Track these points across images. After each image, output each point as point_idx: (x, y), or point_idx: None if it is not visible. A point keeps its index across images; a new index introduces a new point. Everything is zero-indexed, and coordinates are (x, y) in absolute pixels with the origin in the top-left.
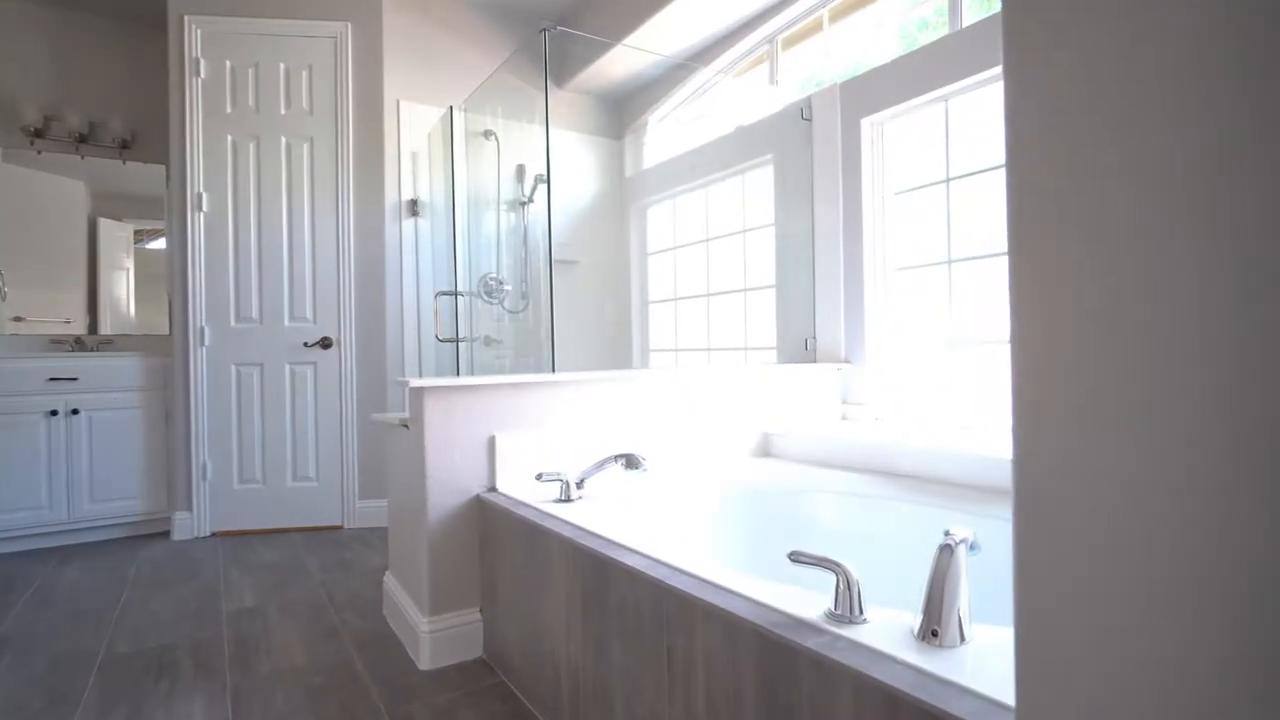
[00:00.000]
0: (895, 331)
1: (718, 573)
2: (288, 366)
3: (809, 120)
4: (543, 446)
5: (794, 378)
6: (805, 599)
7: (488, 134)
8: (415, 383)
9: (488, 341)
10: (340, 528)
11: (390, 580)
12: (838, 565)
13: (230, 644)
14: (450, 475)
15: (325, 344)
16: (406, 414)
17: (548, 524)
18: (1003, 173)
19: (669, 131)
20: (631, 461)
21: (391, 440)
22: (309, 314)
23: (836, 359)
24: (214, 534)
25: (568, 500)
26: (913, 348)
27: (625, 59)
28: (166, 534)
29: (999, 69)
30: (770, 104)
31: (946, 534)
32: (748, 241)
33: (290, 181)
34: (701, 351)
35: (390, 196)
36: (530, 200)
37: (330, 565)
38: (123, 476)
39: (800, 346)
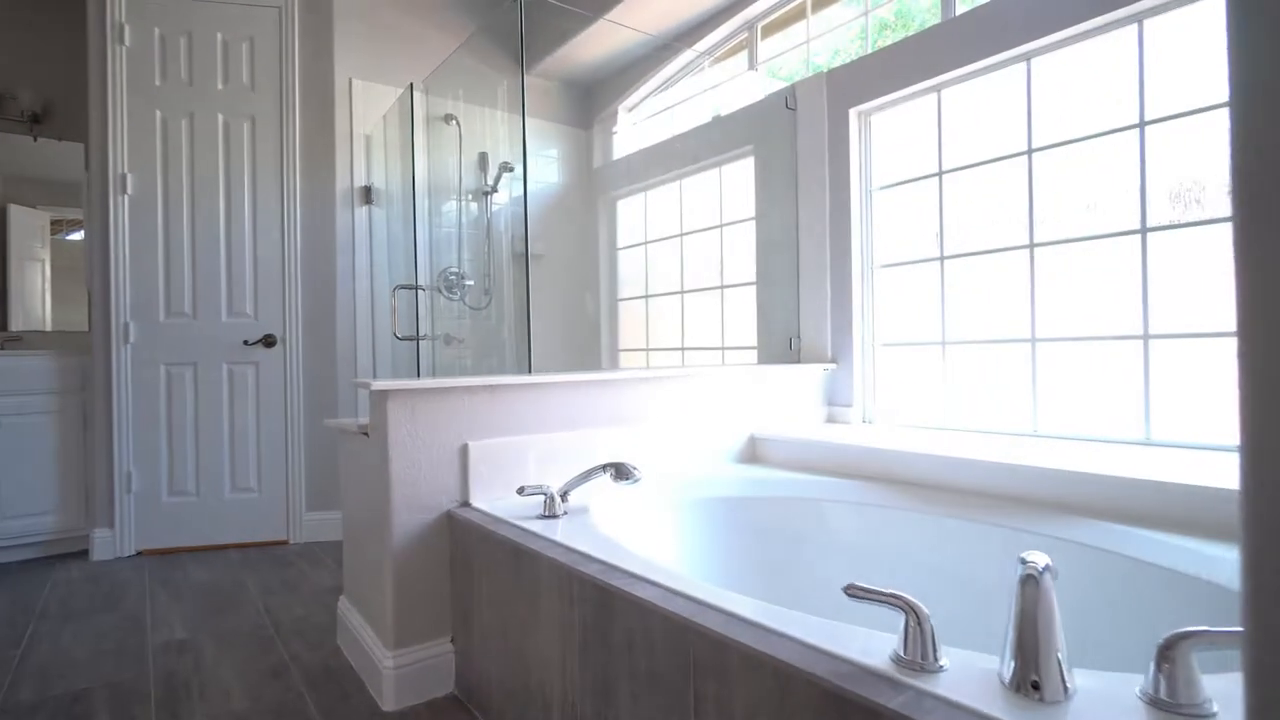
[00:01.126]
0: (884, 331)
1: (752, 608)
2: (225, 366)
3: (793, 109)
4: (520, 455)
5: (781, 378)
6: (865, 640)
7: (448, 118)
8: (377, 385)
9: (448, 340)
10: (285, 543)
11: (346, 605)
12: (906, 601)
13: (157, 686)
14: (417, 489)
15: (268, 342)
16: (366, 419)
17: (536, 545)
18: (996, 168)
19: (640, 121)
20: (622, 471)
21: (348, 449)
22: (249, 309)
23: (822, 359)
24: (139, 553)
25: (552, 516)
26: (902, 348)
27: (594, 43)
28: (84, 554)
29: (995, 58)
30: (751, 93)
31: (1024, 561)
32: (725, 236)
33: (229, 163)
34: (675, 351)
35: (342, 182)
36: (494, 190)
37: (274, 586)
38: (33, 489)
39: (783, 346)
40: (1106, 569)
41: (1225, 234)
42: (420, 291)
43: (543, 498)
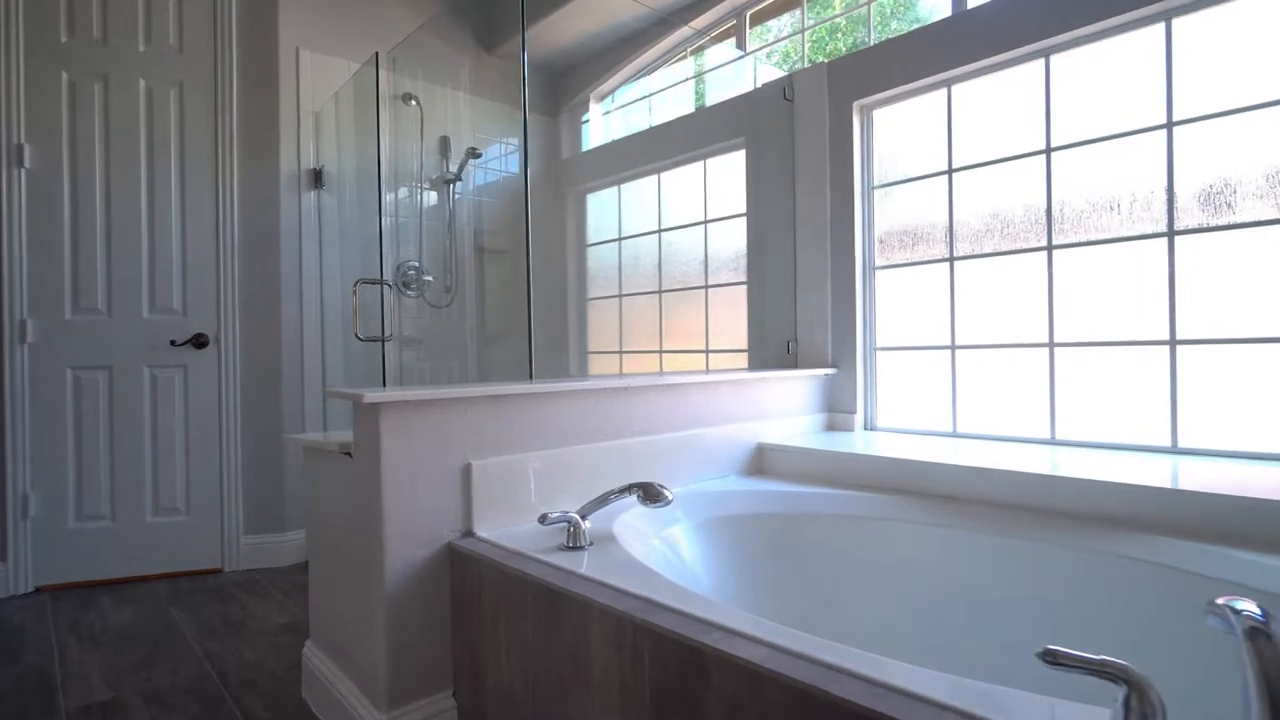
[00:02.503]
0: (887, 335)
1: (899, 673)
2: (148, 370)
3: (791, 101)
4: (526, 475)
5: (783, 384)
6: (1059, 714)
7: (407, 98)
8: (372, 396)
9: (406, 341)
10: (219, 571)
11: (314, 652)
12: (1123, 672)
13: None
14: (414, 518)
15: (199, 342)
16: (341, 436)
17: (579, 589)
18: (1010, 167)
19: (614, 110)
20: (651, 493)
21: (323, 471)
22: (177, 304)
23: (822, 363)
24: (40, 589)
25: (578, 547)
26: (905, 352)
27: (565, 26)
28: None
29: (1010, 54)
30: (739, 83)
31: (1238, 612)
32: (711, 233)
33: (153, 136)
34: (653, 354)
35: (287, 164)
36: (458, 178)
37: (214, 626)
38: None
39: (777, 350)
40: (1182, 589)
41: (1259, 238)
42: (386, 288)
43: (566, 526)
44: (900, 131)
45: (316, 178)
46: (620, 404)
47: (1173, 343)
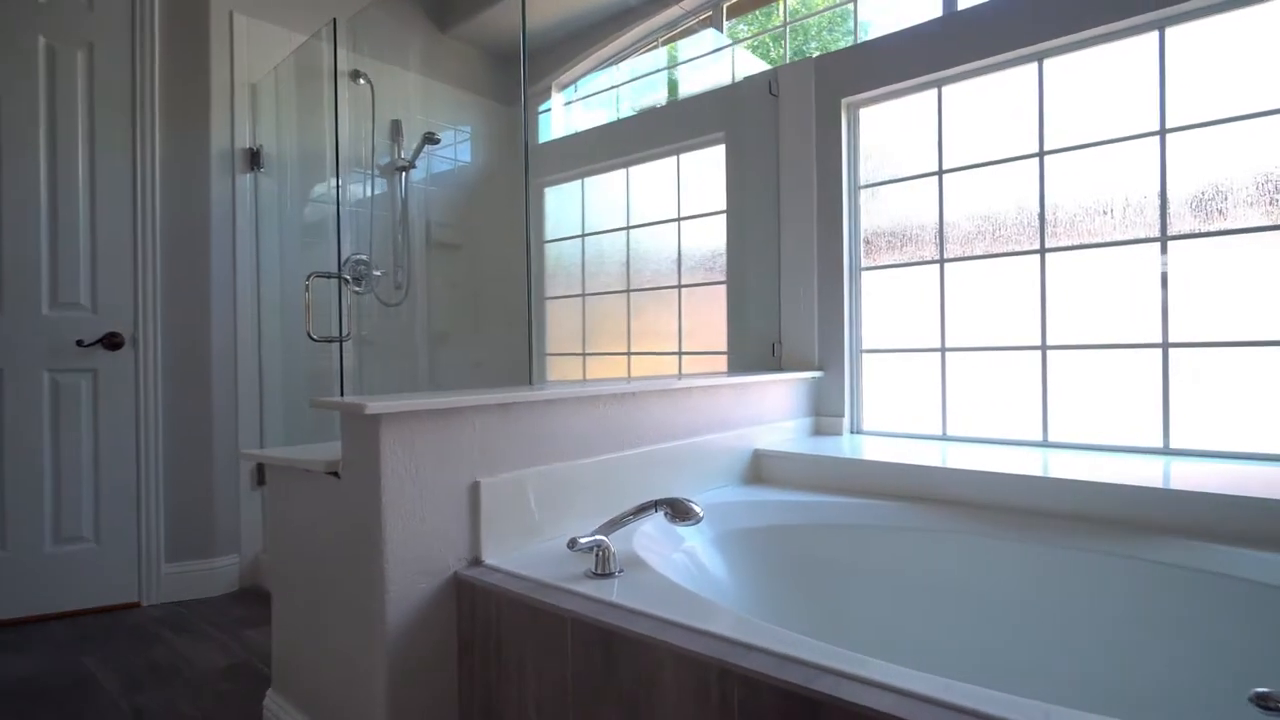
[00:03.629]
0: (873, 337)
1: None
2: (48, 375)
3: (776, 96)
4: (535, 491)
5: (773, 387)
6: None
7: (356, 75)
8: (375, 406)
9: (360, 342)
10: (137, 605)
11: (280, 704)
12: None
13: None
14: (419, 547)
15: (113, 342)
16: (325, 453)
17: (637, 626)
18: (1002, 169)
19: (576, 100)
20: (680, 510)
21: (291, 493)
22: (84, 299)
23: (808, 366)
24: None
25: (606, 574)
26: (892, 355)
27: (527, 8)
28: None
29: (1002, 56)
30: (718, 73)
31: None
32: (685, 231)
33: (54, 103)
34: (619, 355)
35: (219, 141)
36: (412, 165)
37: (138, 674)
38: None
39: (760, 351)
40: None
41: (1250, 243)
42: (345, 283)
43: (595, 550)
44: (889, 131)
45: (254, 158)
46: (624, 411)
47: (1165, 345)
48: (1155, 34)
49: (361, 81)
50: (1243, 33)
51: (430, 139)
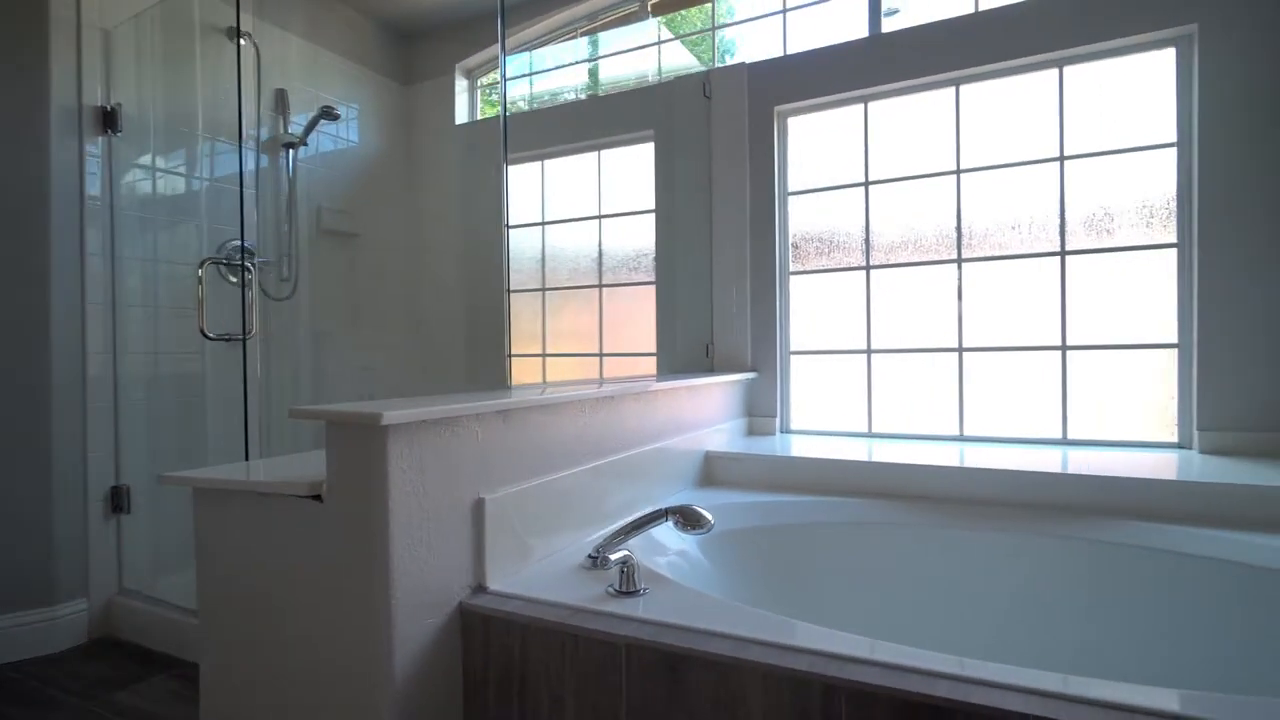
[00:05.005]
0: (802, 339)
1: None
2: None
3: (709, 98)
4: (536, 506)
5: (718, 389)
6: None
7: (232, 33)
8: (390, 417)
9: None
10: None
11: None
12: None
13: None
14: (426, 576)
15: None
16: (308, 473)
17: (714, 648)
18: (923, 184)
19: (485, 86)
20: (690, 518)
21: (242, 523)
22: None
23: (741, 367)
24: None
25: (632, 592)
26: (820, 356)
27: None
28: None
29: (922, 79)
30: (640, 66)
31: None
32: (607, 229)
33: None
34: (534, 358)
35: (62, 96)
36: (303, 142)
37: None
38: None
39: (687, 353)
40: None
41: (1134, 260)
42: (249, 271)
43: (622, 567)
44: (819, 140)
45: (108, 118)
46: (605, 416)
47: (1064, 348)
48: (1055, 71)
49: (244, 42)
50: (1131, 76)
51: (329, 113)
